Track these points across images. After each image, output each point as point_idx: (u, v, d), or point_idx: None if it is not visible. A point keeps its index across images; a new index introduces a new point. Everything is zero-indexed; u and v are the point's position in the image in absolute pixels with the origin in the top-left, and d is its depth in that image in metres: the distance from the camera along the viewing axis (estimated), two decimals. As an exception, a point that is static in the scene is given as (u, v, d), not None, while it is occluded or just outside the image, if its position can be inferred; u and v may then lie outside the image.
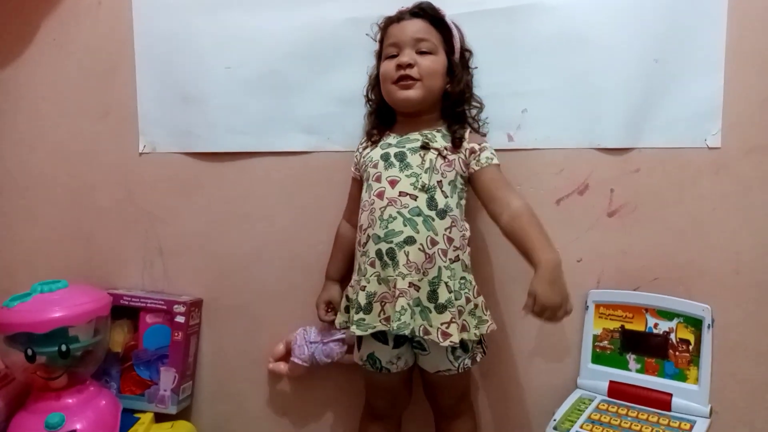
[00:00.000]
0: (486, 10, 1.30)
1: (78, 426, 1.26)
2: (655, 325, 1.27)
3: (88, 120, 1.58)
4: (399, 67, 1.21)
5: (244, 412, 1.55)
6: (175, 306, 1.46)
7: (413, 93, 1.22)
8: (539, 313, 1.05)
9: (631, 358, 1.29)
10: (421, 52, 1.22)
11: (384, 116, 1.32)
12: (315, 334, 1.39)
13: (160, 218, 1.56)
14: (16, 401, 1.33)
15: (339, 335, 1.38)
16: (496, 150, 1.26)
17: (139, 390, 1.48)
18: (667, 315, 1.27)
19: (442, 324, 1.14)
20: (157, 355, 1.48)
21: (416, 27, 1.22)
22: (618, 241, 1.32)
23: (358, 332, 1.17)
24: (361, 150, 1.33)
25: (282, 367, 1.45)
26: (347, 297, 1.26)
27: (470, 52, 1.31)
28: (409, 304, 1.14)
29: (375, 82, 1.32)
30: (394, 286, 1.15)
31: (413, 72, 1.20)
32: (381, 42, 1.29)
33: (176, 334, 1.46)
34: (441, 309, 1.15)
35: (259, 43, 1.44)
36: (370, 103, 1.35)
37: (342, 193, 1.39)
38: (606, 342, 1.31)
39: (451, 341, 1.14)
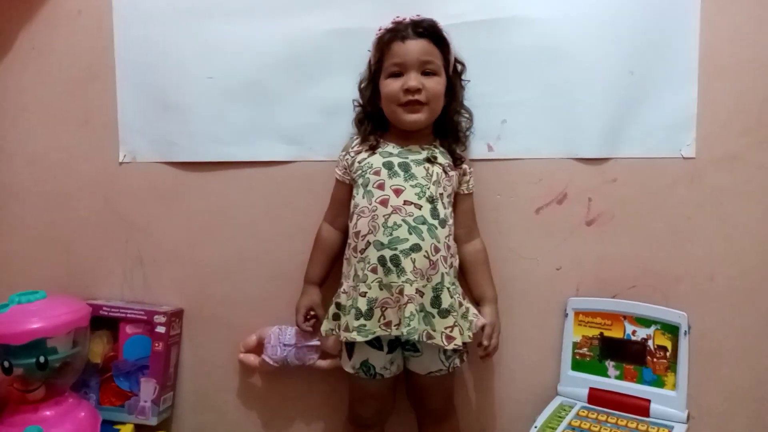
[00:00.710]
0: (466, 22, 1.32)
1: (56, 438, 1.25)
2: (633, 332, 1.29)
3: (68, 129, 1.56)
4: (407, 91, 1.22)
5: (226, 423, 1.54)
6: (156, 316, 1.45)
7: (422, 116, 1.24)
8: (495, 342, 1.27)
9: (610, 365, 1.31)
10: (425, 73, 1.23)
11: (378, 122, 1.32)
12: (290, 336, 1.38)
13: (140, 228, 1.54)
14: (-8, 414, 1.31)
15: (314, 341, 1.37)
16: (475, 160, 1.34)
17: (119, 401, 1.46)
18: (644, 322, 1.28)
19: (446, 328, 1.17)
20: (137, 366, 1.46)
21: (422, 48, 1.22)
22: (596, 250, 1.34)
23: (359, 338, 1.17)
24: (353, 154, 1.31)
25: (252, 359, 1.44)
26: (338, 304, 1.25)
27: (463, 64, 1.32)
28: (416, 310, 1.16)
29: (369, 91, 1.31)
30: (400, 293, 1.16)
31: (421, 97, 1.22)
32: (380, 54, 1.26)
33: (157, 344, 1.45)
34: (444, 314, 1.18)
35: (241, 53, 1.44)
36: (362, 108, 1.34)
37: (323, 202, 1.39)
38: (585, 349, 1.33)
39: (455, 344, 1.17)
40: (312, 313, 1.35)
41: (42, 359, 1.26)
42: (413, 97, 1.22)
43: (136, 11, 1.50)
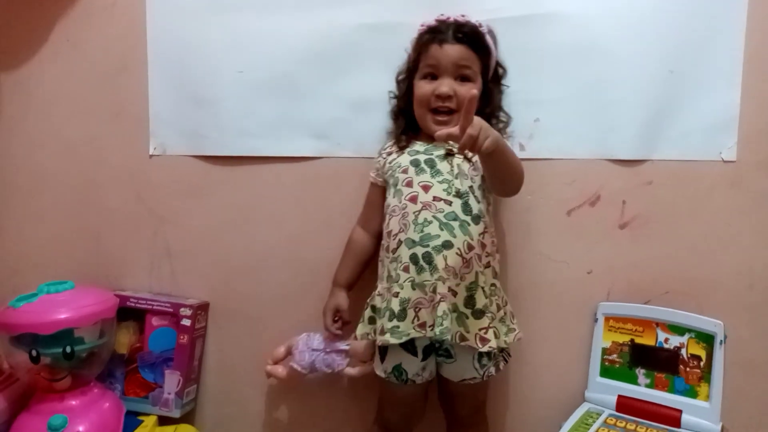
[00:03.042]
0: (501, 18, 1.29)
1: (80, 428, 1.26)
2: (666, 340, 1.26)
3: (99, 120, 1.58)
4: (438, 97, 1.20)
5: (248, 417, 1.54)
6: (182, 309, 1.45)
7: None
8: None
9: (640, 372, 1.27)
10: (460, 78, 1.21)
11: (411, 119, 1.30)
12: (318, 341, 1.36)
13: (168, 220, 1.55)
14: (19, 402, 1.33)
15: (343, 346, 1.35)
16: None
17: (143, 392, 1.47)
18: (678, 330, 1.25)
19: (480, 330, 1.14)
20: (162, 358, 1.47)
21: (458, 54, 1.20)
22: (629, 254, 1.31)
23: (393, 340, 1.14)
24: (385, 156, 1.31)
25: (280, 370, 1.41)
26: (373, 307, 1.23)
27: (504, 69, 1.30)
28: (449, 309, 1.13)
29: (405, 86, 1.30)
30: (433, 291, 1.13)
31: (452, 104, 1.20)
32: (418, 53, 1.25)
33: (182, 337, 1.45)
34: (479, 314, 1.15)
35: (271, 47, 1.44)
36: (397, 101, 1.33)
37: (351, 200, 1.39)
38: (615, 355, 1.29)
39: (489, 346, 1.13)
40: (339, 315, 1.33)
41: (69, 349, 1.27)
42: (443, 104, 1.20)
43: (168, 4, 1.50)
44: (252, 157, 1.48)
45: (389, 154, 1.30)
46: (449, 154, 1.22)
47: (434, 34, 1.22)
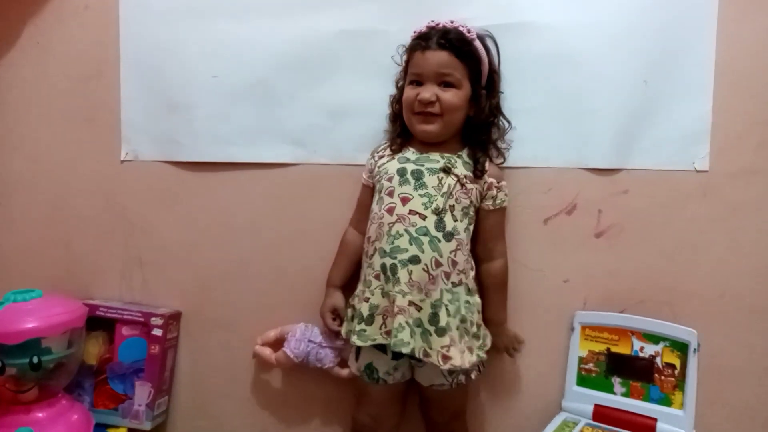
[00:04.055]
0: (477, 27, 1.28)
1: (47, 441, 1.22)
2: (641, 349, 1.26)
3: (70, 125, 1.55)
4: (420, 102, 1.20)
5: (221, 430, 1.51)
6: (153, 318, 1.43)
7: (433, 128, 1.22)
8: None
9: (616, 381, 1.28)
10: (443, 84, 1.21)
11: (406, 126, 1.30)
12: (317, 334, 1.36)
13: (140, 228, 1.52)
14: (-17, 415, 1.29)
15: (338, 344, 1.36)
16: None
17: (112, 404, 1.44)
18: (653, 338, 1.25)
19: (442, 347, 1.15)
20: (133, 369, 1.44)
21: (440, 60, 1.20)
22: (605, 263, 1.31)
23: (359, 342, 1.18)
24: (376, 158, 1.31)
25: (267, 353, 1.40)
26: (353, 307, 1.24)
27: (498, 74, 1.29)
28: (408, 323, 1.14)
29: (399, 92, 1.30)
30: (393, 302, 1.15)
31: (434, 108, 1.20)
32: (407, 60, 1.27)
33: (153, 347, 1.43)
34: (441, 332, 1.15)
35: (247, 52, 1.42)
36: (393, 109, 1.32)
37: (327, 207, 1.38)
38: (591, 364, 1.30)
39: (452, 364, 1.14)
40: (336, 314, 1.33)
41: (36, 359, 1.24)
42: (425, 109, 1.21)
43: (142, 8, 1.49)
44: (227, 164, 1.47)
45: (381, 157, 1.30)
46: (445, 171, 1.22)
47: (420, 41, 1.23)
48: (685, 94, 1.26)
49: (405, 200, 1.20)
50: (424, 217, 1.19)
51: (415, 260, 1.16)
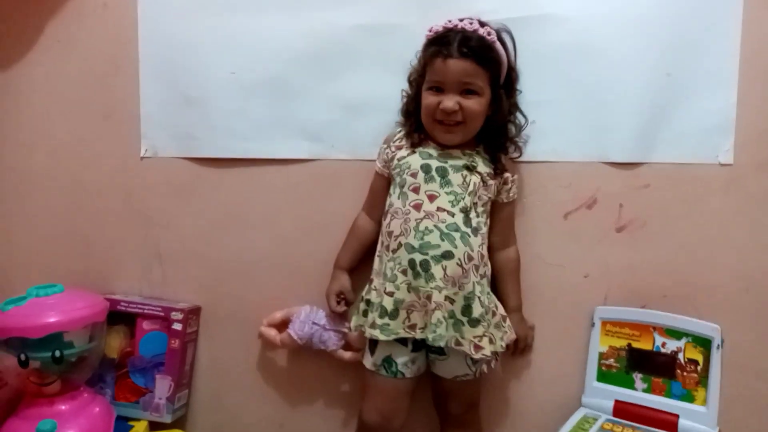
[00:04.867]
0: (498, 20, 1.27)
1: (70, 433, 1.24)
2: (663, 344, 1.25)
3: (90, 122, 1.56)
4: (443, 111, 1.19)
5: (240, 424, 1.52)
6: (173, 313, 1.44)
7: (456, 137, 1.22)
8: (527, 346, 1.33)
9: (637, 377, 1.26)
10: (465, 91, 1.19)
11: (420, 120, 1.28)
12: (322, 317, 1.37)
13: (159, 223, 1.53)
14: (7, 407, 1.31)
15: (343, 327, 1.36)
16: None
17: (133, 397, 1.46)
18: (675, 334, 1.24)
19: (474, 337, 1.17)
20: (153, 363, 1.45)
21: (463, 69, 1.17)
22: (626, 257, 1.30)
23: (382, 337, 1.18)
24: (393, 149, 1.29)
25: (273, 333, 1.41)
26: (367, 301, 1.24)
27: (516, 71, 1.28)
28: (444, 317, 1.15)
29: (415, 88, 1.28)
30: (428, 298, 1.16)
31: (457, 117, 1.19)
32: (425, 63, 1.23)
33: (173, 341, 1.43)
34: (474, 323, 1.17)
35: (264, 48, 1.42)
36: (408, 105, 1.31)
37: (345, 203, 1.38)
38: (612, 360, 1.28)
39: (483, 354, 1.16)
40: (342, 296, 1.34)
41: (58, 353, 1.25)
42: (449, 118, 1.20)
43: (161, 5, 1.49)
44: (244, 159, 1.47)
45: (399, 148, 1.28)
46: (469, 169, 1.22)
47: (440, 46, 1.19)
48: (708, 85, 1.24)
49: (432, 197, 1.20)
50: (452, 214, 1.19)
51: (448, 255, 1.16)
